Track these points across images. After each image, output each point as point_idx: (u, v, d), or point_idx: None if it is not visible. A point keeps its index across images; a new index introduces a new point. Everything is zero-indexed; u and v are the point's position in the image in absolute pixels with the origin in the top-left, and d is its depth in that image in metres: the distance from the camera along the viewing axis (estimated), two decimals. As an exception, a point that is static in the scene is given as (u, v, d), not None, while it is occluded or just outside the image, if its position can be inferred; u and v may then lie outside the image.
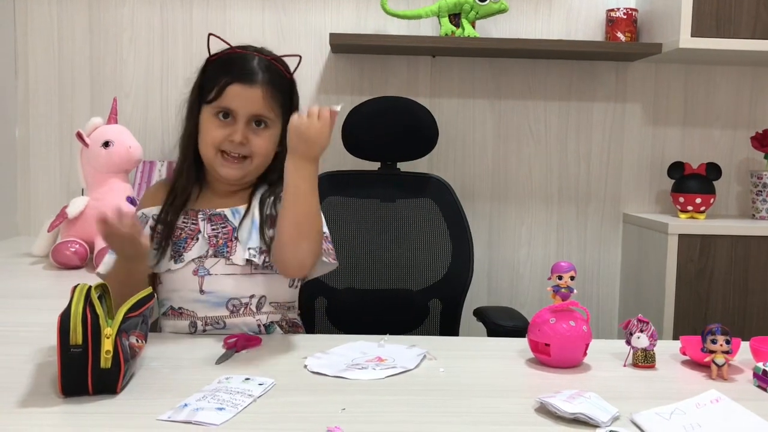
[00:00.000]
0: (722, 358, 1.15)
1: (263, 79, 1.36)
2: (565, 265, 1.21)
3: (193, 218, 1.39)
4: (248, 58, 1.38)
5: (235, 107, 1.35)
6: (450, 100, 2.51)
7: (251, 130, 1.36)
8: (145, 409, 0.96)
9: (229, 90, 1.35)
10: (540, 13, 2.50)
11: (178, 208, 1.38)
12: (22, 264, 1.91)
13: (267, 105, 1.36)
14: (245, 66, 1.37)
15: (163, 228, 1.37)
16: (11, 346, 1.21)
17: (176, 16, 2.44)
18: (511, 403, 1.03)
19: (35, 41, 2.42)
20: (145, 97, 2.45)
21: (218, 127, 1.36)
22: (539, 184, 2.55)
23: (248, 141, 1.35)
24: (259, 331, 1.37)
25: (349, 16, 2.46)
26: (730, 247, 2.21)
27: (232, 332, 1.34)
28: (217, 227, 1.38)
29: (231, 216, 1.39)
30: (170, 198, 1.39)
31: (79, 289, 1.00)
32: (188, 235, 1.37)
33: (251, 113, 1.35)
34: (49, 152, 2.44)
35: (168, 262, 1.36)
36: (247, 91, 1.35)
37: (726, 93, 2.55)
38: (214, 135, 1.35)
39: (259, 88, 1.35)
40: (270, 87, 1.36)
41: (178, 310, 1.37)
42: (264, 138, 1.37)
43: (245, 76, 1.35)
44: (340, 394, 1.04)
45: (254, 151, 1.37)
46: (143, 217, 1.40)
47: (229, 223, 1.38)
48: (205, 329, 1.36)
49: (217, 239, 1.37)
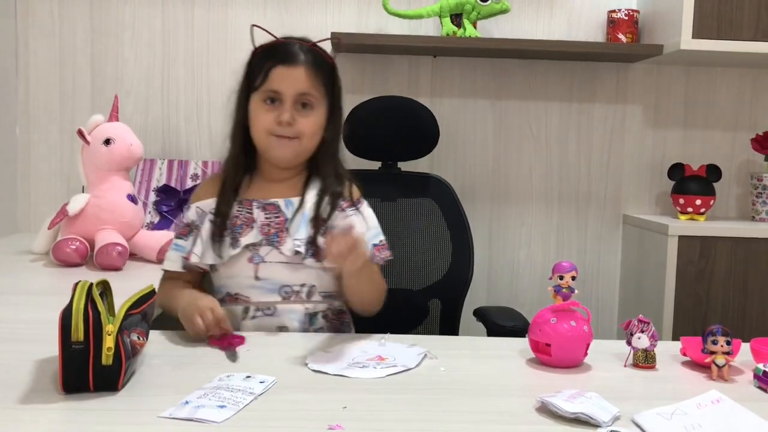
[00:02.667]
0: (723, 359, 1.15)
1: (306, 59, 1.42)
2: (567, 265, 1.21)
3: (248, 207, 1.44)
4: (290, 44, 1.44)
5: (281, 88, 1.40)
6: (451, 100, 2.51)
7: (297, 111, 1.41)
8: (147, 407, 0.96)
9: (274, 72, 1.41)
10: (541, 13, 2.50)
11: (232, 198, 1.44)
12: (22, 261, 1.90)
13: (311, 83, 1.41)
14: (288, 50, 1.43)
15: (220, 219, 1.42)
16: (12, 343, 1.21)
17: (177, 15, 2.44)
18: (512, 402, 1.03)
19: (36, 39, 2.42)
20: (146, 96, 2.45)
21: (267, 112, 1.42)
22: (540, 184, 2.55)
23: (295, 121, 1.41)
24: (304, 320, 1.41)
25: (351, 15, 2.46)
26: (730, 248, 2.21)
27: (281, 318, 1.40)
28: (270, 216, 1.43)
29: (284, 207, 1.44)
30: (225, 188, 1.45)
31: (80, 285, 1.00)
32: (243, 222, 1.43)
33: (297, 92, 1.41)
34: (49, 150, 2.44)
35: (227, 250, 1.41)
36: (291, 71, 1.41)
37: (727, 95, 2.55)
38: (264, 119, 1.42)
39: (302, 66, 1.41)
40: (313, 67, 1.42)
41: (234, 296, 1.43)
42: (310, 119, 1.43)
43: (288, 58, 1.42)
44: (341, 393, 1.04)
45: (301, 131, 1.42)
46: (199, 211, 1.46)
47: (282, 214, 1.43)
48: (255, 315, 1.41)
49: (269, 228, 1.42)
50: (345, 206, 1.46)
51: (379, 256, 1.46)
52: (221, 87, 2.46)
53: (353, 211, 1.46)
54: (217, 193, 1.47)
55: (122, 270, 1.80)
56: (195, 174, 2.35)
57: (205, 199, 1.47)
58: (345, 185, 1.48)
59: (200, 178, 2.34)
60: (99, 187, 1.93)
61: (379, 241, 1.48)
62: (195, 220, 1.46)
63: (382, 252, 1.47)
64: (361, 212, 1.48)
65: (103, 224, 1.88)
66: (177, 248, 1.46)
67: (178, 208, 2.29)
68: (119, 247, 1.79)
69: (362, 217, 1.47)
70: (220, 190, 1.46)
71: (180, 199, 2.29)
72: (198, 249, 1.42)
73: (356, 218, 1.45)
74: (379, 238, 1.48)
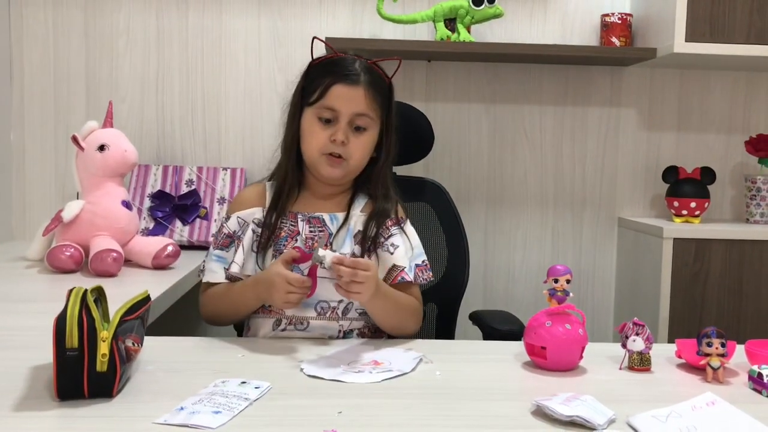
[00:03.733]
0: (718, 361, 1.15)
1: (365, 80, 1.40)
2: (562, 269, 1.21)
3: (292, 220, 1.43)
4: (350, 61, 1.42)
5: (338, 106, 1.38)
6: (445, 105, 2.51)
7: (351, 132, 1.40)
8: (141, 413, 0.95)
9: (333, 90, 1.38)
10: (535, 17, 2.51)
11: (282, 211, 1.43)
12: (17, 268, 1.90)
13: (369, 105, 1.40)
14: (348, 67, 1.41)
15: (268, 232, 1.41)
16: (6, 350, 1.21)
17: (172, 21, 2.44)
18: (508, 406, 1.03)
19: (30, 46, 2.42)
20: (140, 102, 2.45)
21: (321, 130, 1.40)
22: (535, 188, 2.56)
23: (349, 141, 1.39)
24: (338, 336, 1.39)
25: (345, 20, 2.46)
26: (724, 251, 2.22)
27: (312, 333, 1.38)
28: (315, 230, 1.42)
29: (329, 221, 1.43)
30: (276, 200, 1.44)
31: (75, 292, 0.99)
32: (288, 234, 1.42)
33: (354, 112, 1.39)
34: (44, 156, 2.44)
35: (270, 261, 1.39)
36: (350, 90, 1.38)
37: (720, 98, 2.56)
38: (318, 138, 1.40)
39: (361, 87, 1.39)
40: (371, 88, 1.40)
41: (267, 307, 1.40)
42: (362, 141, 1.41)
43: (348, 77, 1.39)
44: (337, 398, 1.04)
45: (351, 154, 1.41)
46: (241, 221, 1.44)
47: (326, 228, 1.42)
48: (285, 328, 1.39)
49: (313, 242, 1.41)
50: (390, 225, 1.44)
51: (421, 276, 1.44)
52: (216, 93, 2.47)
53: (397, 230, 1.44)
54: (259, 202, 1.45)
55: (117, 276, 1.79)
56: (189, 180, 2.35)
57: (246, 208, 1.45)
58: (392, 204, 1.47)
59: (195, 183, 2.34)
60: (94, 193, 1.92)
61: (421, 262, 1.46)
62: (236, 231, 1.44)
63: (425, 273, 1.45)
64: (404, 231, 1.46)
65: (97, 230, 1.87)
66: (219, 260, 1.43)
67: (172, 213, 2.29)
68: (114, 254, 1.79)
69: (405, 236, 1.46)
70: (272, 202, 1.44)
71: (175, 205, 2.29)
72: (239, 258, 1.40)
73: (400, 237, 1.44)
74: (421, 258, 1.46)
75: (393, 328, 1.40)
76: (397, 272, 1.40)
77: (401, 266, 1.40)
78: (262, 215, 1.44)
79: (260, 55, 2.46)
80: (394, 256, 1.41)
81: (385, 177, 1.49)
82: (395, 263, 1.41)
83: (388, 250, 1.42)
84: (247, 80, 2.47)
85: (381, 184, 1.47)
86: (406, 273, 1.40)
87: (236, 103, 2.48)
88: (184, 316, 2.38)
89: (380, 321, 1.39)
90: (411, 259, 1.44)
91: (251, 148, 2.48)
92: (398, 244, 1.42)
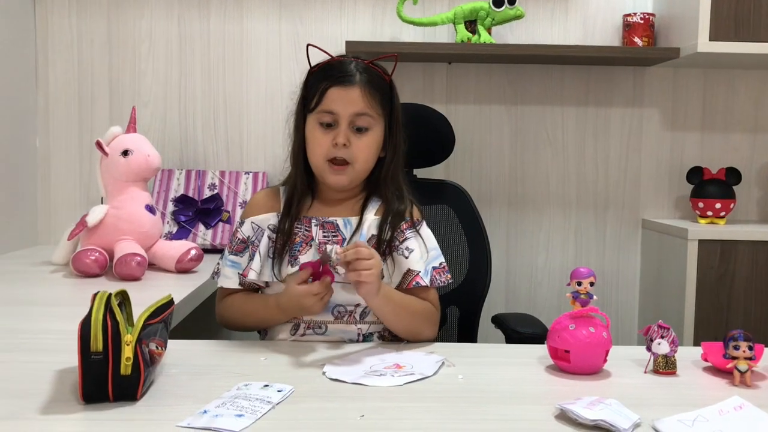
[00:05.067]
0: (745, 364, 1.13)
1: (361, 79, 1.39)
2: (585, 271, 1.20)
3: (306, 225, 1.43)
4: (345, 62, 1.42)
5: (336, 109, 1.38)
6: (466, 107, 2.51)
7: (353, 133, 1.40)
8: (165, 416, 0.96)
9: (329, 93, 1.38)
10: (556, 18, 2.49)
11: (295, 218, 1.43)
12: (42, 272, 1.92)
13: (367, 103, 1.39)
14: (342, 69, 1.40)
15: (283, 237, 1.41)
16: (32, 354, 1.22)
17: (193, 27, 2.46)
18: (531, 410, 1.02)
19: (55, 53, 2.45)
20: (163, 107, 2.47)
21: (323, 135, 1.40)
22: (557, 190, 2.54)
23: (350, 143, 1.39)
24: (357, 339, 1.39)
25: (365, 23, 2.47)
26: (751, 252, 2.19)
27: (330, 337, 1.38)
28: (328, 235, 1.42)
29: (343, 226, 1.43)
30: (288, 208, 1.44)
31: (99, 296, 1.00)
32: (302, 239, 1.42)
33: (352, 112, 1.38)
34: (69, 161, 2.47)
35: (286, 268, 1.40)
36: (346, 91, 1.38)
37: (745, 97, 2.53)
38: (321, 144, 1.40)
39: (357, 87, 1.39)
40: (368, 86, 1.39)
41: None
42: (365, 142, 1.40)
43: (343, 78, 1.39)
44: (359, 401, 1.04)
45: (355, 156, 1.40)
46: (255, 226, 1.44)
47: (340, 233, 1.42)
48: (305, 333, 1.39)
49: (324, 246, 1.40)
50: (404, 227, 1.43)
51: (438, 279, 1.43)
52: (237, 97, 2.48)
53: (412, 233, 1.43)
54: (273, 207, 1.46)
55: (141, 280, 1.81)
56: (212, 184, 2.36)
57: (260, 214, 1.45)
58: (406, 206, 1.46)
59: (217, 188, 2.36)
60: (117, 197, 1.94)
61: (438, 264, 1.44)
62: (251, 236, 1.44)
63: (442, 275, 1.44)
64: (420, 234, 1.45)
65: (121, 235, 1.89)
66: (233, 265, 1.44)
67: (195, 217, 2.31)
68: (138, 258, 1.80)
69: (421, 239, 1.44)
70: (284, 210, 1.44)
71: (197, 209, 2.31)
72: (256, 265, 1.40)
73: (414, 241, 1.42)
74: (438, 260, 1.45)
75: (405, 332, 1.38)
76: (412, 277, 1.39)
77: (416, 271, 1.39)
78: (276, 221, 1.44)
79: (281, 60, 2.48)
80: (408, 260, 1.40)
81: (396, 176, 1.47)
82: (410, 268, 1.40)
83: (402, 254, 1.40)
84: (269, 84, 2.48)
85: (392, 184, 1.46)
86: (421, 278, 1.39)
87: (258, 108, 2.49)
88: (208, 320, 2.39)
89: (390, 325, 1.38)
90: (427, 263, 1.43)
91: (273, 152, 2.49)
92: (413, 247, 1.41)
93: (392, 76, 1.47)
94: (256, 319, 1.42)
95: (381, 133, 1.43)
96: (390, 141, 1.45)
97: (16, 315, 1.49)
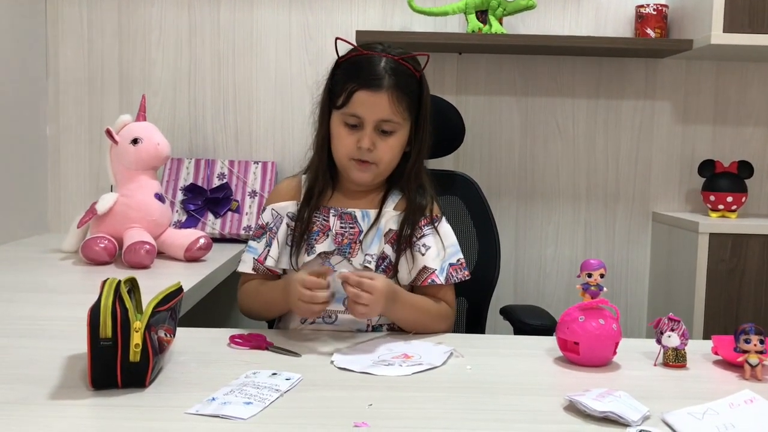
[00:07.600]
0: (756, 358, 1.12)
1: (389, 83, 1.36)
2: (595, 263, 1.19)
3: (324, 215, 1.43)
4: (374, 61, 1.38)
5: (362, 113, 1.36)
6: (477, 98, 2.49)
7: (378, 135, 1.38)
8: (174, 403, 0.96)
9: (356, 97, 1.36)
10: (568, 9, 2.47)
11: (314, 208, 1.43)
12: (52, 260, 1.93)
13: (393, 109, 1.37)
14: (371, 71, 1.37)
15: (301, 226, 1.42)
16: (42, 340, 1.23)
17: (204, 16, 2.46)
18: (540, 401, 1.02)
19: (66, 42, 2.45)
20: (173, 96, 2.47)
21: (348, 135, 1.39)
22: (567, 182, 2.53)
23: (375, 147, 1.37)
24: (366, 330, 1.39)
25: (376, 13, 2.46)
26: (762, 246, 2.17)
27: (341, 327, 1.38)
28: (346, 226, 1.42)
29: (360, 218, 1.43)
30: (308, 198, 1.44)
31: (108, 283, 1.01)
32: (320, 229, 1.42)
33: (378, 119, 1.37)
34: (79, 150, 2.48)
35: (302, 256, 1.40)
36: (374, 97, 1.35)
37: (759, 90, 2.50)
38: (346, 144, 1.39)
39: (384, 93, 1.36)
40: (396, 90, 1.36)
41: None
42: (390, 144, 1.39)
43: (371, 83, 1.36)
44: (367, 390, 1.04)
45: (380, 158, 1.39)
46: (275, 213, 1.45)
47: (357, 225, 1.42)
48: (314, 321, 1.40)
49: (343, 238, 1.41)
50: (423, 224, 1.43)
51: (454, 276, 1.43)
52: (247, 87, 2.48)
53: (430, 230, 1.43)
54: (294, 196, 1.46)
55: (150, 268, 1.81)
56: (221, 173, 2.36)
57: (281, 201, 1.46)
58: (427, 202, 1.45)
59: (226, 177, 2.36)
60: (127, 186, 1.94)
61: (456, 260, 1.44)
62: (269, 222, 1.45)
63: (459, 272, 1.44)
64: (438, 230, 1.44)
65: (131, 223, 1.90)
66: (250, 250, 1.45)
67: (204, 206, 2.31)
68: (147, 246, 1.81)
69: (438, 236, 1.44)
70: (304, 199, 1.44)
71: (207, 198, 2.31)
72: (274, 252, 1.41)
73: (432, 238, 1.42)
74: (456, 257, 1.45)
75: (417, 331, 1.38)
76: (427, 274, 1.39)
77: (432, 268, 1.39)
78: (295, 209, 1.44)
79: (291, 49, 2.47)
80: (425, 257, 1.40)
81: (419, 172, 1.47)
82: (426, 265, 1.40)
83: (419, 251, 1.41)
84: (278, 74, 2.48)
85: (414, 180, 1.46)
86: (436, 276, 1.39)
87: (267, 97, 2.48)
88: (216, 308, 2.40)
89: (402, 326, 1.39)
90: (444, 260, 1.42)
91: (282, 142, 2.48)
92: (430, 245, 1.41)
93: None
94: (263, 301, 1.42)
95: (407, 133, 1.42)
96: (416, 138, 1.44)
97: (26, 302, 1.49)
